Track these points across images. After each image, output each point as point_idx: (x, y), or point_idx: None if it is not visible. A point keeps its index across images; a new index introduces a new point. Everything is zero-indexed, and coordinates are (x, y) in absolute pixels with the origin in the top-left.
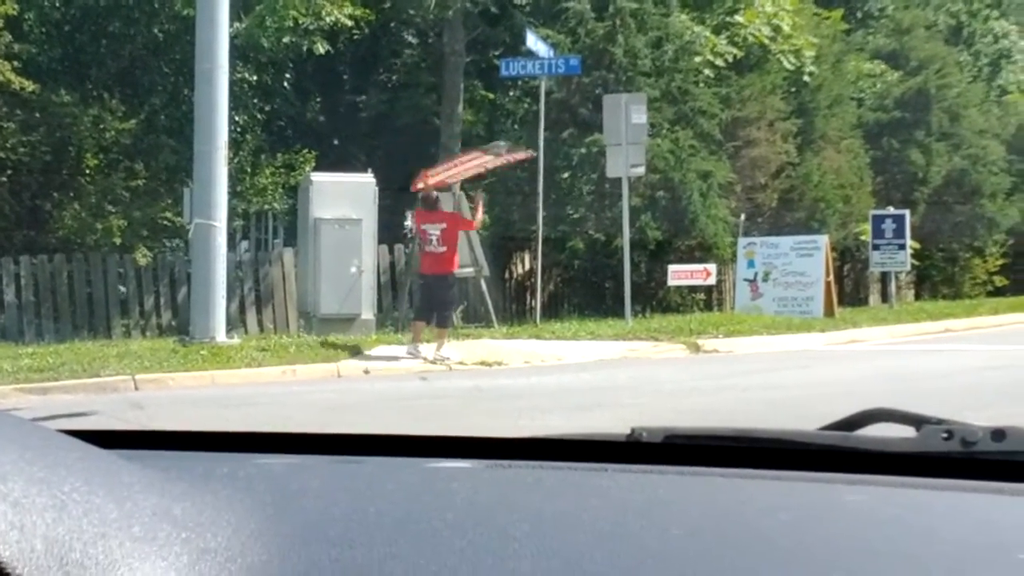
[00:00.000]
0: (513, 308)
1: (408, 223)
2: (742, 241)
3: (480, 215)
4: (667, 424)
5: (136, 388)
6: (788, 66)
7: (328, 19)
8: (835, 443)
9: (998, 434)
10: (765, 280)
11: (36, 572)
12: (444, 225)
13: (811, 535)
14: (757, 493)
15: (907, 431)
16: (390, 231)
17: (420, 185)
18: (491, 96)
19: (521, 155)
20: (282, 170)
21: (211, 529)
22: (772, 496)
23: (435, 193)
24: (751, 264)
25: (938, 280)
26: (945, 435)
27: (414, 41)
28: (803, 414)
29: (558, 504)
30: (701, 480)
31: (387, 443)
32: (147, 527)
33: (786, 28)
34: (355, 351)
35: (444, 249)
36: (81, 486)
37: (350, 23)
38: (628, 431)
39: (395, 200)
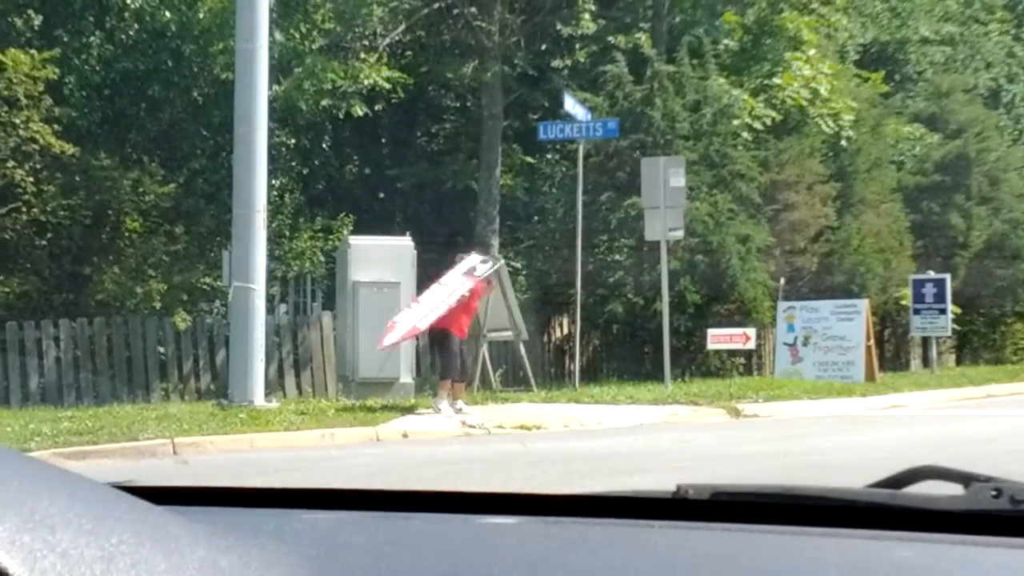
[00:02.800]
0: (552, 372)
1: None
2: (782, 305)
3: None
4: None
5: (175, 451)
6: (826, 130)
7: (366, 82)
8: (883, 500)
9: None
10: (805, 344)
11: None
12: None
13: None
14: (805, 549)
15: (955, 489)
16: None
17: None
18: (530, 160)
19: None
20: (320, 233)
21: None
22: (820, 552)
23: (460, 256)
24: (791, 328)
25: (979, 345)
26: (994, 493)
27: (453, 105)
28: (846, 478)
29: (605, 559)
30: (749, 536)
31: (432, 500)
32: None
33: (824, 92)
34: (394, 414)
35: None
36: (129, 538)
37: (388, 86)
38: (674, 488)
39: (433, 263)
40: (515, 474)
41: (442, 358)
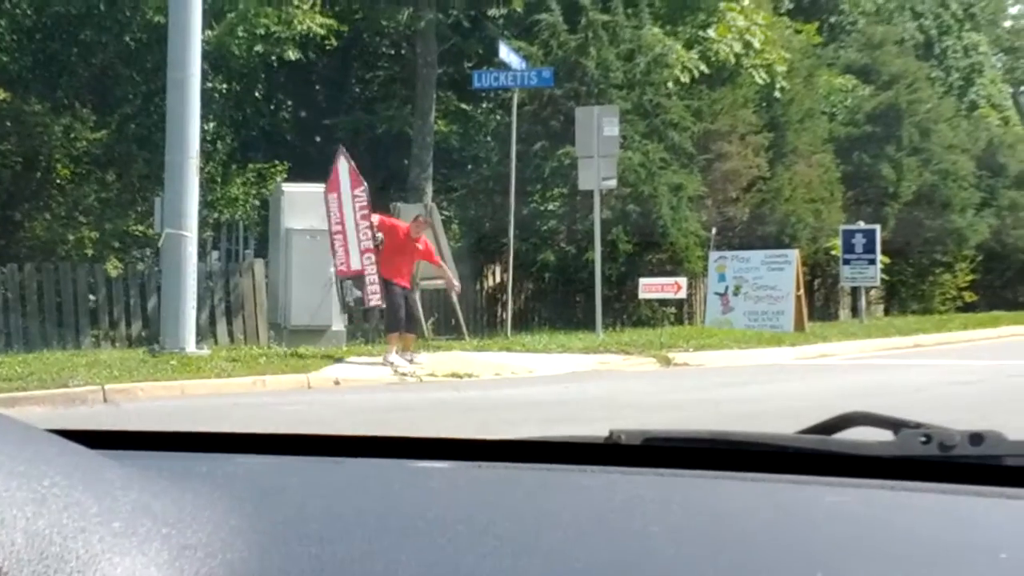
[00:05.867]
0: (484, 320)
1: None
2: (713, 255)
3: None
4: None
5: (105, 398)
6: (759, 81)
7: (300, 27)
8: (813, 446)
9: (976, 438)
10: (736, 294)
11: (16, 566)
12: None
13: (791, 534)
14: (736, 493)
15: (885, 435)
16: None
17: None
18: (464, 107)
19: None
20: (253, 179)
21: (191, 525)
22: (752, 496)
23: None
24: (722, 278)
25: (908, 295)
26: (923, 439)
27: (388, 52)
28: (777, 426)
29: (538, 502)
30: (680, 481)
31: (365, 444)
32: (127, 522)
33: (757, 44)
34: (325, 362)
35: None
36: (61, 481)
37: (322, 32)
38: (607, 434)
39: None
40: (447, 422)
41: (385, 311)
